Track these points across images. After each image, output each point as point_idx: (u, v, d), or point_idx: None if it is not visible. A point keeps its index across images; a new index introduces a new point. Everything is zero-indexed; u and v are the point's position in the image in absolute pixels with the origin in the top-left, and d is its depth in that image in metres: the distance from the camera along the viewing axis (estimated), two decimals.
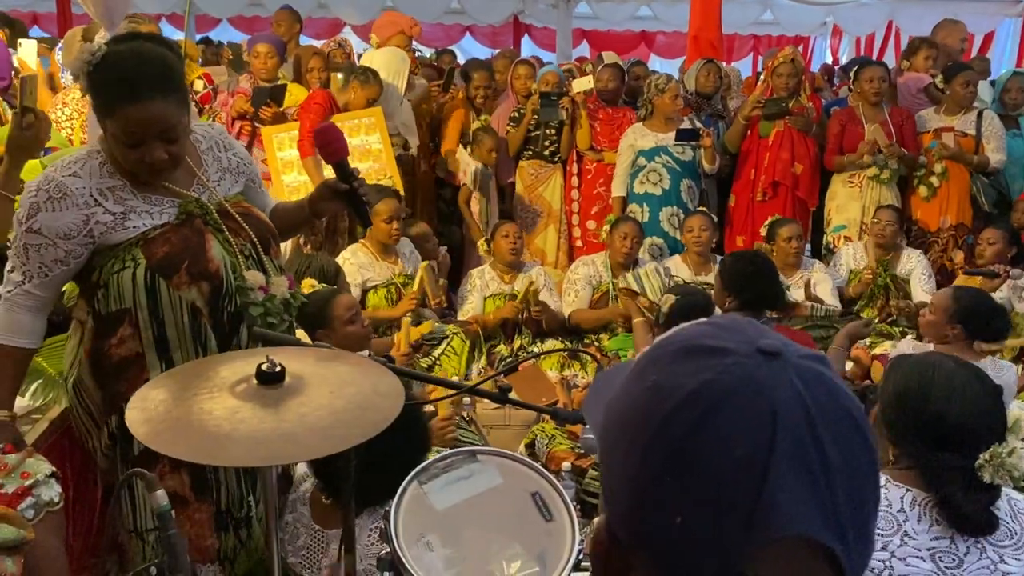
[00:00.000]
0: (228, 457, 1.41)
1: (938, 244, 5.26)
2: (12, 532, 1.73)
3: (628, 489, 0.63)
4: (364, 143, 4.73)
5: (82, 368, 2.11)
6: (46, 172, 2.00)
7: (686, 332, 0.68)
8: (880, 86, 5.23)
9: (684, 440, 0.61)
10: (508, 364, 4.00)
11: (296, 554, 2.15)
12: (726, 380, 0.61)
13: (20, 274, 2.01)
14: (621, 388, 0.68)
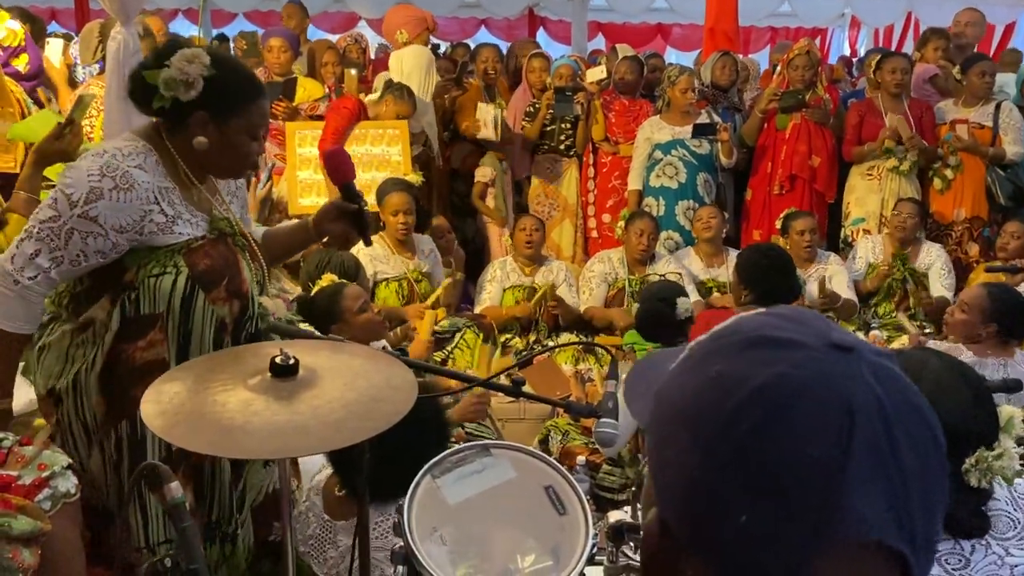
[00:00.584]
0: (242, 449, 1.41)
1: (952, 237, 5.21)
2: (29, 523, 1.75)
3: (687, 485, 0.60)
4: (384, 153, 4.77)
5: (89, 370, 2.03)
6: (106, 158, 1.93)
7: (749, 322, 0.65)
8: (903, 77, 5.18)
9: (753, 435, 0.57)
10: (523, 358, 3.99)
11: (305, 543, 2.16)
12: (800, 374, 0.58)
13: (49, 259, 1.92)
14: (674, 378, 0.65)
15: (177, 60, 1.92)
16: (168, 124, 2.01)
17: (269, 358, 1.49)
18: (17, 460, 1.89)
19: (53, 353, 2.04)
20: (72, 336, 2.03)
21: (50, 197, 1.93)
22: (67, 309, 2.04)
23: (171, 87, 1.92)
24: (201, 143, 1.98)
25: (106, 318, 2.01)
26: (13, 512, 1.75)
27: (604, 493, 3.21)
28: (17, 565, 1.70)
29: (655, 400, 0.67)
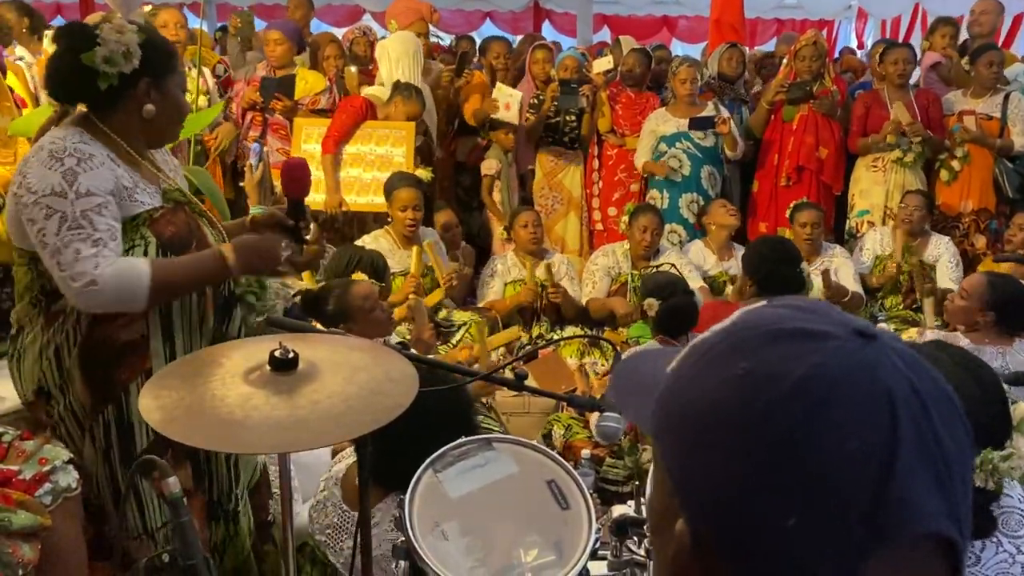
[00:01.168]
0: (241, 444, 1.40)
1: (959, 229, 5.17)
2: (29, 518, 1.74)
3: (724, 491, 0.56)
4: (388, 153, 4.73)
5: (69, 358, 1.98)
6: (49, 149, 1.89)
7: (764, 315, 0.62)
8: (905, 68, 5.14)
9: (795, 432, 0.54)
10: (527, 351, 3.98)
11: (323, 532, 2.16)
12: (835, 365, 0.56)
13: (91, 245, 1.86)
14: (686, 380, 0.62)
15: (108, 34, 1.89)
16: (103, 106, 1.97)
17: (268, 352, 1.48)
18: (18, 455, 1.89)
19: (29, 357, 2.01)
20: (43, 332, 1.99)
21: (39, 210, 1.86)
22: (37, 305, 1.99)
23: (113, 62, 1.90)
24: (150, 110, 1.97)
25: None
26: (13, 507, 1.74)
27: (608, 486, 3.21)
28: (17, 560, 1.69)
29: (662, 405, 0.63)
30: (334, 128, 4.69)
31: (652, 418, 0.64)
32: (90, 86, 1.92)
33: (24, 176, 1.89)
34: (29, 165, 1.91)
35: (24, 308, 2.02)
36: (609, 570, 1.73)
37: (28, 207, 1.87)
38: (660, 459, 0.63)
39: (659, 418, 0.63)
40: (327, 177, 4.57)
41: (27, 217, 1.88)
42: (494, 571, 1.60)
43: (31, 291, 1.99)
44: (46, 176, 1.87)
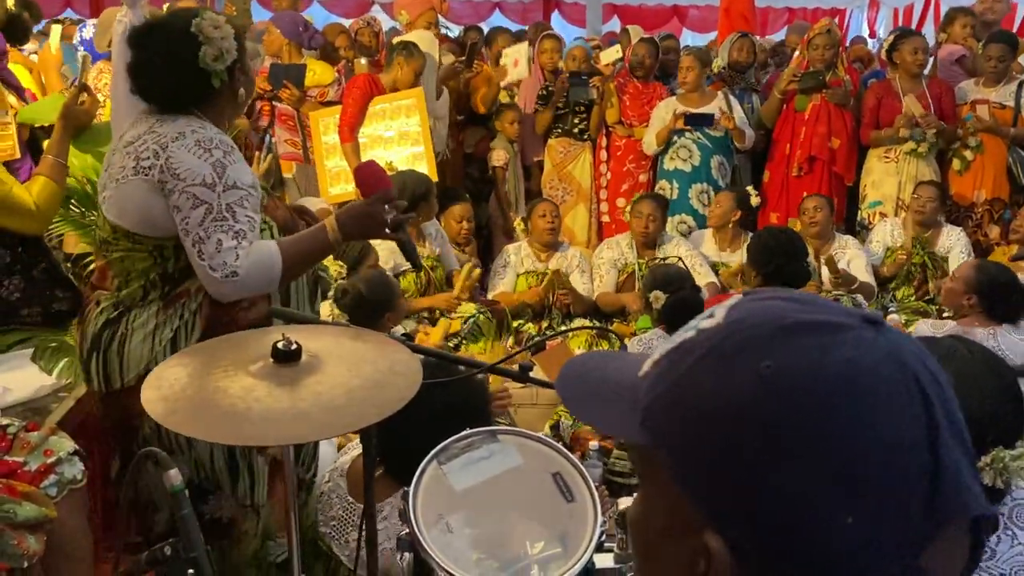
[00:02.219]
0: (243, 436, 1.39)
1: (972, 219, 5.12)
2: (34, 510, 1.75)
3: (771, 497, 0.53)
4: (404, 127, 4.69)
5: (188, 338, 1.99)
6: (194, 137, 1.92)
7: (768, 309, 0.59)
8: (923, 57, 5.09)
9: (839, 428, 0.53)
10: (535, 342, 3.96)
11: (327, 524, 2.15)
12: (863, 354, 0.54)
13: (232, 237, 1.90)
14: (699, 383, 0.57)
15: (209, 31, 1.91)
16: (212, 101, 2.00)
17: (271, 344, 1.47)
18: (23, 446, 1.89)
19: (136, 339, 1.99)
20: (159, 315, 1.99)
21: (185, 199, 1.89)
22: (158, 288, 2.00)
23: (222, 59, 1.93)
24: (243, 94, 2.05)
25: (202, 285, 1.98)
26: (18, 499, 1.75)
27: (616, 478, 3.19)
28: (23, 552, 1.70)
29: (666, 414, 0.59)
30: (346, 115, 4.63)
31: (645, 430, 0.60)
32: (204, 86, 1.95)
33: (168, 161, 1.90)
34: (172, 151, 1.90)
35: (133, 291, 2.01)
36: (615, 563, 1.72)
37: (174, 193, 1.90)
38: (667, 472, 0.58)
39: (664, 429, 0.59)
40: (351, 164, 4.48)
41: (172, 203, 1.90)
42: (499, 564, 1.59)
43: (146, 276, 1.99)
44: (196, 165, 1.90)
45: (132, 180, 1.93)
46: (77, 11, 9.33)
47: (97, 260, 2.08)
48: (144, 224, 1.96)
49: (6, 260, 2.63)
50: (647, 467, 0.62)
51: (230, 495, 2.11)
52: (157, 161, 1.91)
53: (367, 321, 2.75)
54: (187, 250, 1.93)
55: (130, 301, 2.01)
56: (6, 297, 2.65)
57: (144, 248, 1.98)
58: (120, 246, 1.99)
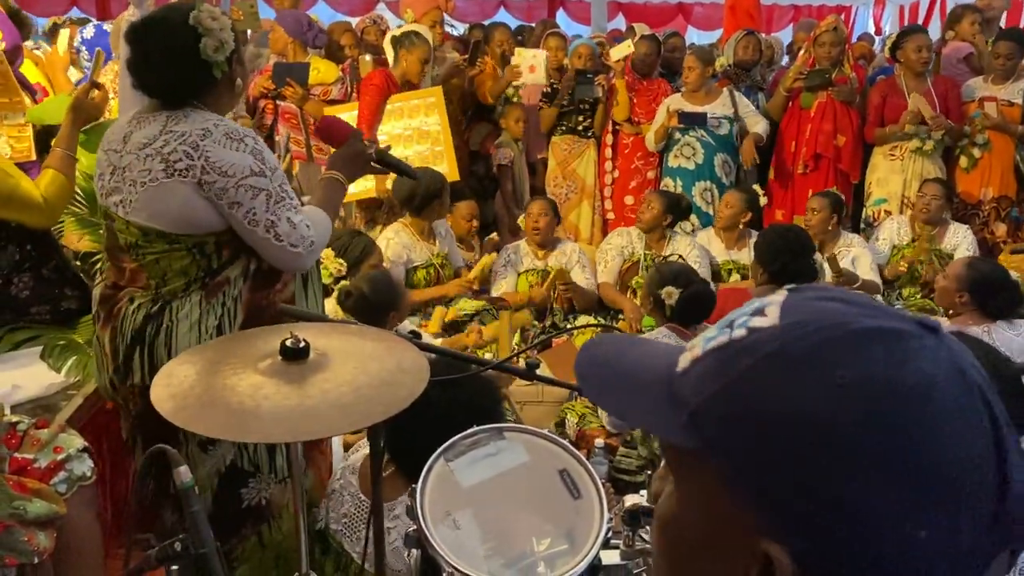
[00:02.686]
0: (251, 433, 1.40)
1: (979, 217, 5.11)
2: (44, 507, 1.76)
3: (841, 510, 0.52)
4: (423, 124, 4.71)
5: (231, 325, 2.06)
6: (223, 130, 1.95)
7: (829, 312, 0.57)
8: (927, 55, 5.08)
9: (917, 442, 0.52)
10: (541, 340, 3.97)
11: (338, 521, 2.16)
12: (934, 367, 0.53)
13: (296, 213, 2.03)
14: (763, 388, 0.55)
15: (208, 23, 1.93)
16: (213, 93, 2.02)
17: (280, 341, 1.48)
18: (33, 443, 1.90)
19: (183, 328, 2.03)
20: (202, 305, 2.03)
21: (243, 192, 1.94)
22: (197, 281, 2.03)
23: (222, 50, 1.95)
24: (240, 84, 2.07)
25: (241, 273, 2.06)
26: (29, 495, 1.76)
27: (622, 476, 3.19)
28: (33, 548, 1.71)
29: (723, 419, 0.57)
30: (364, 112, 4.61)
31: (693, 432, 0.58)
32: (206, 77, 1.97)
33: (208, 160, 1.92)
34: (207, 149, 1.92)
35: (174, 288, 2.03)
36: (622, 559, 1.72)
37: (227, 191, 1.94)
38: (718, 476, 0.56)
39: (719, 434, 0.57)
40: None
41: (228, 200, 1.94)
42: (506, 560, 1.60)
43: (186, 274, 2.02)
44: (239, 159, 1.95)
45: (167, 183, 1.93)
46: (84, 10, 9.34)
47: (120, 262, 2.06)
48: (183, 224, 1.97)
49: (15, 258, 2.64)
50: (688, 468, 0.60)
51: (268, 474, 2.17)
52: (194, 162, 1.92)
53: (371, 322, 2.76)
54: (256, 239, 1.99)
55: (170, 295, 2.04)
56: (15, 295, 2.66)
57: (183, 247, 1.99)
58: (155, 248, 2.00)
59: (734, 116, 5.19)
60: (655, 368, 0.64)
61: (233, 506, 2.13)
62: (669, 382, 0.61)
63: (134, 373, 2.04)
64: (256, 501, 2.16)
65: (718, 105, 5.17)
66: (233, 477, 2.12)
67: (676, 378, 0.61)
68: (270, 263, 2.06)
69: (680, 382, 0.61)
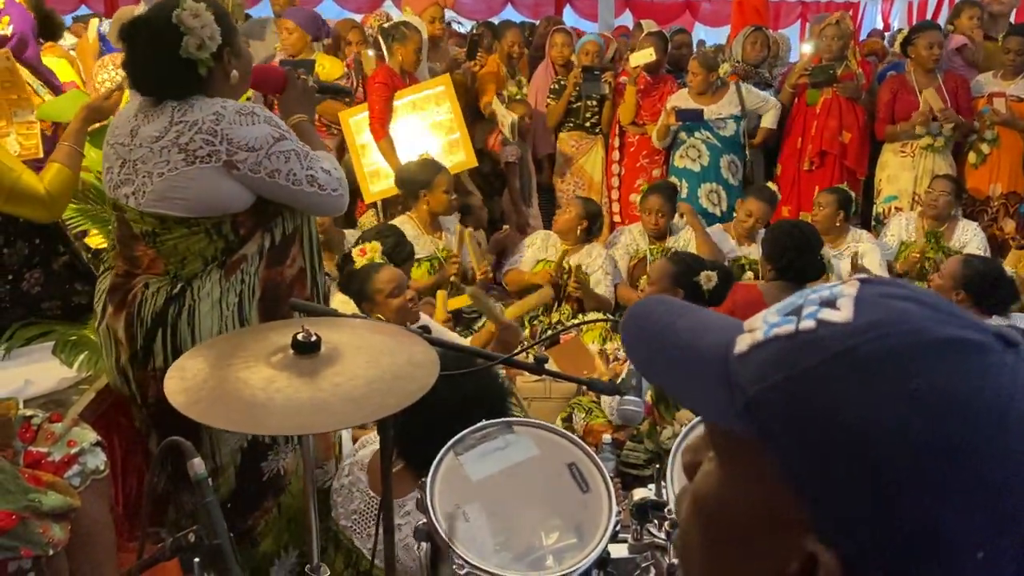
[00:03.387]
0: (264, 426, 1.42)
1: (988, 213, 5.10)
2: (59, 500, 1.77)
3: (902, 521, 0.51)
4: (435, 115, 4.69)
5: (250, 301, 2.12)
6: (234, 106, 2.01)
7: (906, 315, 0.55)
8: (938, 52, 5.07)
9: (989, 462, 0.50)
10: (550, 336, 3.97)
11: (348, 517, 2.18)
12: (1012, 384, 0.52)
13: (322, 160, 2.14)
14: (830, 387, 0.54)
15: (189, 21, 1.95)
16: (203, 88, 2.03)
17: (291, 335, 1.49)
18: (47, 437, 1.92)
19: (205, 307, 2.09)
20: (221, 283, 2.10)
21: (276, 159, 2.02)
22: (216, 260, 2.09)
23: (205, 47, 1.97)
24: (235, 76, 2.09)
25: (256, 250, 2.12)
26: (44, 488, 1.77)
27: (629, 470, 3.21)
28: (47, 540, 1.72)
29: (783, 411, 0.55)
30: (374, 112, 4.61)
31: (750, 420, 0.56)
32: (191, 74, 2.00)
33: (231, 142, 1.98)
34: (226, 131, 1.98)
35: (193, 269, 2.09)
36: (630, 553, 1.73)
37: (261, 163, 2.01)
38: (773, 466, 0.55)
39: (779, 426, 0.55)
40: (391, 160, 4.54)
41: (267, 171, 2.02)
42: (515, 554, 1.61)
43: (203, 256, 2.08)
44: (258, 131, 2.02)
45: (188, 171, 1.98)
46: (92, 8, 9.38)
47: (141, 251, 2.10)
48: (205, 208, 2.03)
49: (24, 252, 2.65)
50: (736, 452, 0.58)
51: (284, 445, 2.24)
52: (217, 147, 1.97)
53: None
54: (302, 197, 2.09)
55: (189, 275, 2.09)
56: (27, 290, 2.67)
57: (201, 228, 2.06)
58: (174, 234, 2.05)
59: (741, 114, 5.18)
60: (709, 346, 0.61)
61: (255, 479, 2.20)
62: (725, 362, 0.59)
63: (155, 357, 2.09)
64: (275, 472, 2.24)
65: (724, 104, 5.16)
66: (254, 452, 2.20)
67: (733, 360, 0.59)
68: (314, 213, 2.21)
69: (738, 365, 0.58)
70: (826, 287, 0.60)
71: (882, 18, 11.46)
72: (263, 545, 2.22)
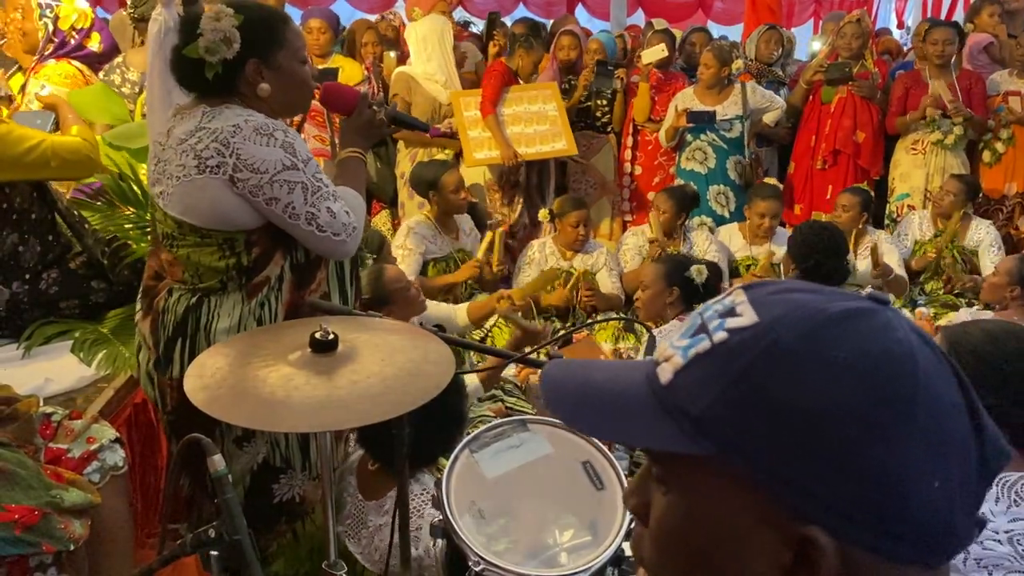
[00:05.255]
0: (282, 423, 1.43)
1: (1003, 212, 5.07)
2: (80, 496, 1.80)
3: (871, 478, 0.55)
4: (541, 110, 5.11)
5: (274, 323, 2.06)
6: (252, 124, 1.93)
7: (800, 302, 0.60)
8: (945, 48, 5.04)
9: (919, 400, 0.56)
10: (562, 336, 3.98)
11: (343, 523, 2.19)
12: (904, 332, 0.59)
13: (335, 201, 2.02)
14: (768, 381, 0.57)
15: (205, 23, 1.93)
16: (219, 92, 2.00)
17: (309, 334, 1.51)
18: (66, 434, 1.95)
19: (223, 323, 2.04)
20: (243, 304, 2.05)
21: (279, 187, 1.93)
22: (235, 280, 2.04)
23: (214, 51, 1.93)
24: (264, 89, 2.00)
25: (280, 272, 2.06)
26: (65, 485, 1.80)
27: None
28: (68, 536, 1.75)
29: (721, 420, 0.58)
30: (486, 93, 5.02)
31: (703, 438, 0.59)
32: (199, 76, 1.97)
33: (239, 158, 1.92)
34: (238, 146, 1.92)
35: (210, 285, 2.04)
36: None
37: (261, 187, 1.93)
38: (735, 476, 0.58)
39: (734, 434, 0.58)
40: (495, 134, 4.98)
41: (265, 197, 1.94)
42: (530, 551, 1.63)
43: (217, 271, 2.02)
44: (269, 153, 1.93)
45: (198, 179, 1.93)
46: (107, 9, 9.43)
47: (160, 253, 2.09)
48: (215, 219, 1.97)
49: (37, 249, 2.67)
50: (692, 477, 0.61)
51: (300, 471, 2.19)
52: (226, 159, 1.92)
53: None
54: (301, 232, 1.99)
55: (208, 290, 2.05)
56: (45, 290, 2.70)
57: (213, 242, 2.00)
58: (188, 241, 2.02)
59: (744, 114, 5.16)
60: (631, 385, 0.64)
61: (265, 501, 2.15)
62: (655, 395, 0.62)
63: (174, 365, 2.06)
64: (288, 496, 2.18)
65: (729, 104, 5.14)
66: (265, 473, 2.15)
67: (661, 390, 0.62)
68: (316, 253, 2.07)
69: (670, 393, 0.61)
70: (712, 303, 0.64)
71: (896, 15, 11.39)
72: (274, 566, 2.18)
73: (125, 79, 4.29)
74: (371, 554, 2.11)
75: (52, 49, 4.08)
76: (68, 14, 4.14)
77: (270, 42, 2.01)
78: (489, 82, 5.09)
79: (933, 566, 0.59)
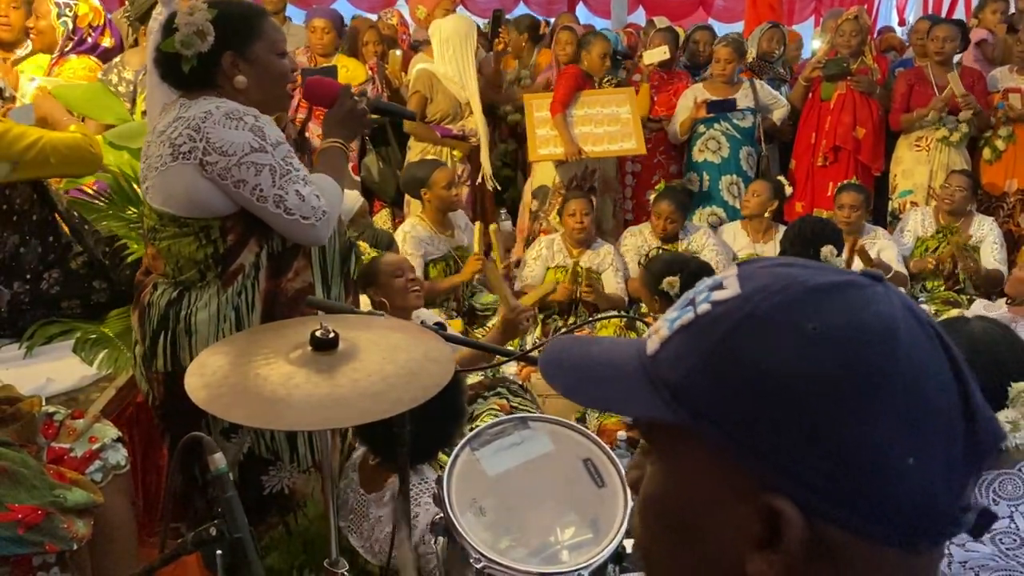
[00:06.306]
0: (283, 421, 1.43)
1: (1004, 209, 5.07)
2: (83, 496, 1.80)
3: (841, 450, 0.55)
4: (614, 112, 5.14)
5: (250, 313, 2.06)
6: (224, 110, 1.95)
7: (785, 275, 0.60)
8: (944, 46, 5.04)
9: (896, 373, 0.55)
10: (563, 333, 3.97)
11: (345, 518, 2.20)
12: (890, 306, 0.58)
13: (304, 184, 2.00)
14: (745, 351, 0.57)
15: (180, 18, 1.96)
16: (198, 85, 2.02)
17: (310, 332, 1.51)
18: (69, 433, 1.95)
19: (202, 316, 2.05)
20: (219, 295, 2.06)
21: (246, 169, 1.94)
22: (212, 269, 2.05)
23: (189, 45, 1.96)
24: (241, 81, 2.02)
25: (255, 260, 2.06)
26: (68, 484, 1.80)
27: None
28: (71, 535, 1.75)
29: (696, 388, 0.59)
30: (557, 95, 5.06)
31: (678, 406, 0.59)
32: (177, 70, 2.00)
33: (208, 142, 1.93)
34: (207, 130, 1.93)
35: (190, 276, 2.06)
36: None
37: (229, 170, 1.94)
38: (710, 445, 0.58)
39: (707, 402, 0.58)
40: (561, 132, 5.01)
41: (233, 180, 1.95)
42: (531, 548, 1.63)
43: (196, 261, 2.04)
44: (237, 136, 1.94)
45: (172, 166, 1.96)
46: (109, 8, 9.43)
47: (147, 248, 2.12)
48: (190, 207, 1.99)
49: (38, 250, 2.68)
50: (674, 445, 0.62)
51: (289, 463, 2.19)
52: (196, 144, 1.94)
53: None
54: (268, 215, 1.99)
55: (188, 282, 2.07)
56: (46, 290, 2.71)
57: (191, 231, 2.02)
58: (167, 232, 2.04)
59: (755, 107, 5.18)
60: (624, 357, 0.65)
61: (254, 493, 2.16)
62: (643, 366, 0.63)
63: (158, 359, 2.08)
64: (278, 489, 2.19)
65: (740, 97, 5.16)
66: (254, 465, 2.16)
67: (649, 361, 0.63)
68: (288, 239, 2.06)
69: (655, 364, 0.62)
70: (707, 279, 0.65)
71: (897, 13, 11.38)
72: (268, 559, 2.19)
73: (121, 78, 4.30)
74: (372, 547, 2.12)
75: (71, 46, 4.26)
76: (85, 12, 4.29)
77: (246, 35, 2.03)
78: (562, 84, 5.11)
79: (916, 551, 0.57)
